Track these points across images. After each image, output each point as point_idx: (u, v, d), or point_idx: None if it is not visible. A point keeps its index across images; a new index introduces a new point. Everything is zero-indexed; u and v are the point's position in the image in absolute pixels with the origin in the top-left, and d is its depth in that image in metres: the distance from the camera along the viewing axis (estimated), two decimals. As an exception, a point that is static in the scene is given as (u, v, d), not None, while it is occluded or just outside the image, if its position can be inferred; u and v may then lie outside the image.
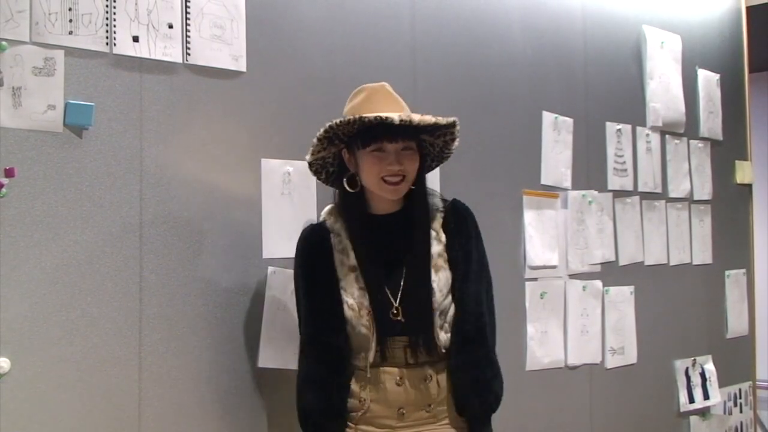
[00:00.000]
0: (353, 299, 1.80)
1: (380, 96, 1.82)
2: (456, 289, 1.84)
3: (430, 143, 1.89)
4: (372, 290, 1.81)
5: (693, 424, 3.37)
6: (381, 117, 1.73)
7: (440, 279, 1.82)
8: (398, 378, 1.82)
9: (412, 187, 1.84)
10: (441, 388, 1.84)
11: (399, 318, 1.80)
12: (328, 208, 1.92)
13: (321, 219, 1.92)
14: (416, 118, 1.74)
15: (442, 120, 1.80)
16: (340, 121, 1.76)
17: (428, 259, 1.82)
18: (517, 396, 2.68)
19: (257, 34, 2.08)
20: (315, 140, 1.80)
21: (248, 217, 2.06)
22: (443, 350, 1.84)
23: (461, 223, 1.89)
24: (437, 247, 1.85)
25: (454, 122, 1.84)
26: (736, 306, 3.67)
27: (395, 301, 1.81)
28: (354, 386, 1.84)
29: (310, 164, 1.86)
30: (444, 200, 1.93)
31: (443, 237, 1.86)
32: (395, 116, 1.72)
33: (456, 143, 1.89)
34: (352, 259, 1.83)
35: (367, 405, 1.82)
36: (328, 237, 1.86)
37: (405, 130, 1.77)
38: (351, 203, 1.85)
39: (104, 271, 1.81)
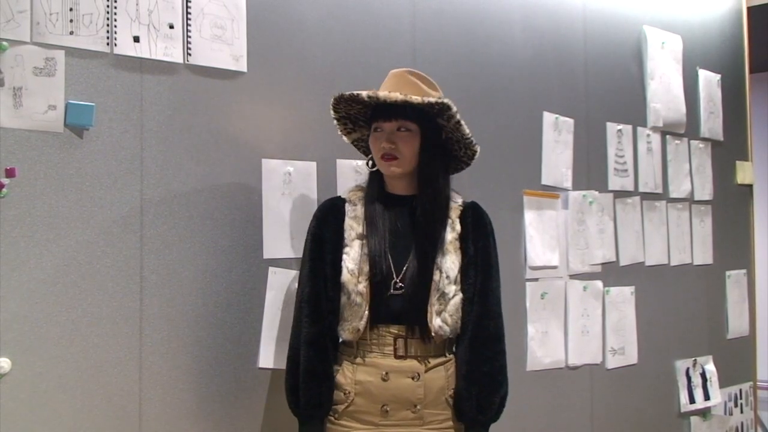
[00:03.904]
0: (354, 264, 1.83)
1: (396, 79, 1.88)
2: (479, 284, 1.88)
3: (449, 128, 1.89)
4: (375, 258, 1.83)
5: (693, 425, 3.36)
6: (353, 94, 1.84)
7: (446, 261, 1.85)
8: (384, 373, 1.82)
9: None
10: (428, 390, 1.84)
11: (399, 291, 1.83)
12: (351, 186, 2.00)
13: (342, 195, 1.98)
14: (381, 94, 1.80)
15: (417, 99, 1.78)
16: (336, 98, 1.90)
17: (439, 241, 1.86)
18: (518, 396, 2.67)
19: (258, 35, 2.08)
20: (334, 121, 1.97)
21: (249, 217, 2.05)
22: (435, 339, 1.84)
23: (479, 219, 1.94)
24: (450, 234, 1.88)
25: (431, 102, 1.79)
26: (737, 306, 3.66)
27: (397, 276, 1.84)
28: (339, 377, 1.85)
29: (356, 146, 2.03)
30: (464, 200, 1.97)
31: (458, 227, 1.90)
32: (364, 93, 1.82)
33: (464, 127, 1.87)
34: (362, 228, 1.86)
35: (352, 398, 1.83)
36: (342, 204, 1.92)
37: (400, 111, 1.82)
38: (372, 180, 1.94)
39: (105, 271, 1.82)
